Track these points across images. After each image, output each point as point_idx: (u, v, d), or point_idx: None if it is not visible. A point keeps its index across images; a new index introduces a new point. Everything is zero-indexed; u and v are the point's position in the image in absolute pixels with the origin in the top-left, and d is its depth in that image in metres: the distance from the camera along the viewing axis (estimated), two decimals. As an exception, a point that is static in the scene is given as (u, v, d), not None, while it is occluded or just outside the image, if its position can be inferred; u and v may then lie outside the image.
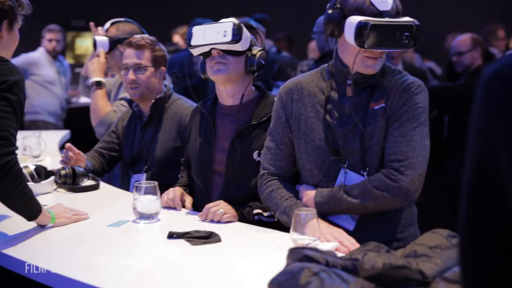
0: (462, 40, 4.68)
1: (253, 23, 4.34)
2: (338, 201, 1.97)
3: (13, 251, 1.93)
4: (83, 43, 7.85)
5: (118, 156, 3.12)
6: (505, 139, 0.83)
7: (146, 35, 3.04)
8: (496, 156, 0.84)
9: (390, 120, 1.99)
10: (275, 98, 2.37)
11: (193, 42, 2.33)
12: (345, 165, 2.01)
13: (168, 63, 3.10)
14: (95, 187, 2.73)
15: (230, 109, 2.39)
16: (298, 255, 1.50)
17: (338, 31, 1.98)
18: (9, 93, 1.91)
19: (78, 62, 7.50)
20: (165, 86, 3.01)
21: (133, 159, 3.02)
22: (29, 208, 2.03)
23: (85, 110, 3.94)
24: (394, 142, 1.97)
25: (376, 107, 2.00)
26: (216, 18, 7.19)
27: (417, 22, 1.94)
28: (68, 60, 7.28)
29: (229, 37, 2.26)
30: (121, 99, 3.38)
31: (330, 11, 1.98)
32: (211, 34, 2.29)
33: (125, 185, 3.08)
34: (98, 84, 3.44)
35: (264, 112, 2.35)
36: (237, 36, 2.26)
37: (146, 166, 2.97)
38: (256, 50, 2.36)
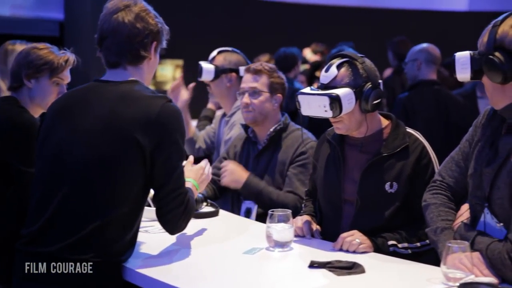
0: None
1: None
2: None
3: (152, 272, 1.96)
4: (164, 71, 8.05)
5: (229, 183, 3.15)
6: None
7: (266, 63, 3.08)
8: None
9: None
10: (407, 129, 2.35)
11: (303, 112, 2.31)
12: (486, 205, 1.89)
13: None
14: (215, 214, 2.75)
15: (359, 140, 2.36)
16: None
17: None
18: None
19: (159, 89, 7.66)
20: (283, 115, 3.03)
21: (245, 186, 3.04)
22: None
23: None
24: None
25: None
26: (300, 44, 7.07)
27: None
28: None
29: (329, 113, 2.22)
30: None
31: None
32: (314, 107, 2.25)
33: (235, 211, 3.10)
34: None
35: (396, 144, 2.30)
36: (336, 110, 2.20)
37: (258, 193, 2.99)
38: (366, 89, 2.25)
